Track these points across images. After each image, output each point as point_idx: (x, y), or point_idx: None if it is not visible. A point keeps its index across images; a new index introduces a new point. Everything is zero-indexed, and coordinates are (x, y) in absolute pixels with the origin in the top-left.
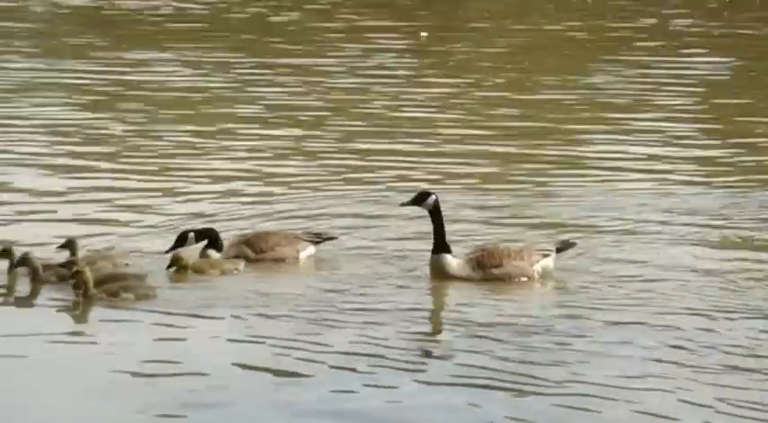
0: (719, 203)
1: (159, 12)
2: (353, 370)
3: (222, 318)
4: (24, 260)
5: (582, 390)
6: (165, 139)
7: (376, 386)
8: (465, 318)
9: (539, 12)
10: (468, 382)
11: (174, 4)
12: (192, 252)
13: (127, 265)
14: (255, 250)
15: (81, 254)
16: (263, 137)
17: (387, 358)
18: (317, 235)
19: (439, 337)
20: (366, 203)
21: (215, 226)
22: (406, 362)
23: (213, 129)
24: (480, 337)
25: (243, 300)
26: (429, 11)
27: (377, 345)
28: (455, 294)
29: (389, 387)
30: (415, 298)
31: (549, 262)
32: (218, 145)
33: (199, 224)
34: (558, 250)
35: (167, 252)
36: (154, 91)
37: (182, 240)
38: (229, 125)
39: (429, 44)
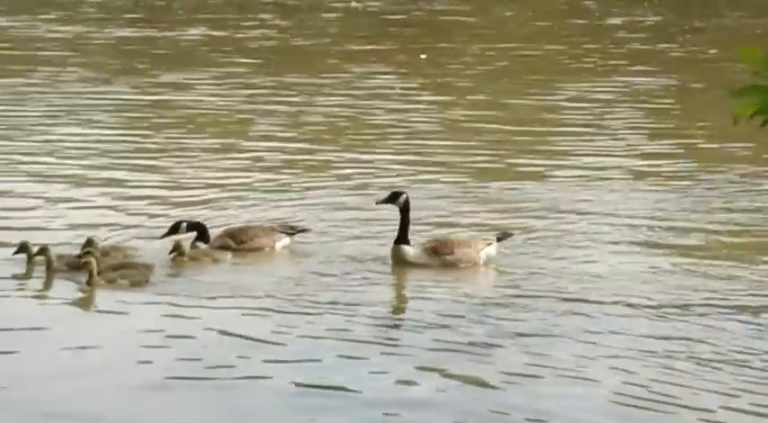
0: (656, 199)
1: (192, 38)
2: (325, 343)
3: (215, 298)
4: (42, 251)
5: (528, 359)
6: (185, 152)
7: (347, 358)
8: (425, 299)
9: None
10: (433, 352)
11: (211, 32)
12: (187, 242)
13: (136, 256)
14: (237, 241)
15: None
16: (270, 149)
17: (353, 333)
18: (292, 228)
19: (402, 315)
20: (345, 200)
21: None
22: (374, 336)
23: (228, 141)
24: (441, 315)
25: (232, 283)
26: (432, 37)
27: (346, 321)
28: (416, 279)
29: (358, 359)
30: (379, 280)
31: (491, 250)
32: (229, 156)
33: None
34: (499, 239)
35: (162, 237)
36: (184, 109)
37: (175, 229)
38: (242, 139)
39: (427, 64)
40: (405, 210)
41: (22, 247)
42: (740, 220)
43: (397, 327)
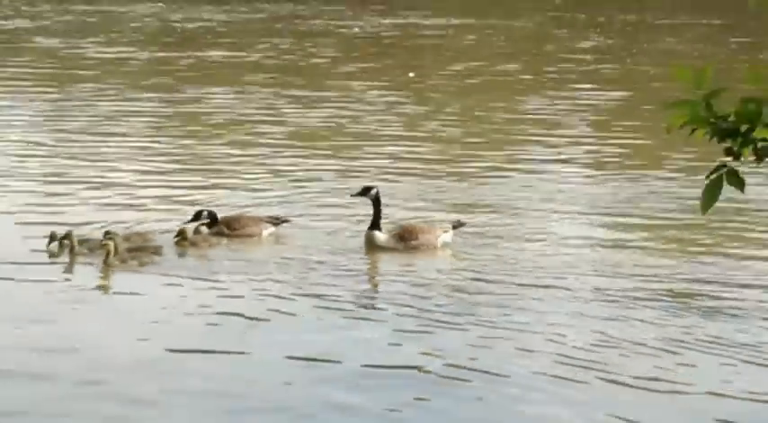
0: (605, 191)
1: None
2: (306, 315)
3: (209, 279)
4: (66, 236)
5: (488, 333)
6: (204, 155)
7: (329, 329)
8: (394, 277)
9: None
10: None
11: (230, 53)
12: (191, 228)
13: (153, 240)
14: (230, 228)
15: (122, 232)
16: (272, 154)
17: (335, 308)
18: (277, 218)
19: (376, 291)
20: (325, 196)
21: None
22: (350, 310)
23: (240, 146)
24: (409, 291)
25: (226, 265)
26: (419, 58)
27: (327, 297)
28: (385, 260)
29: (342, 330)
30: (353, 262)
31: (447, 236)
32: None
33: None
34: (454, 227)
35: (186, 223)
36: (205, 117)
37: (197, 216)
38: (258, 147)
39: (414, 80)
40: (376, 201)
41: (52, 237)
42: (672, 213)
43: (372, 301)
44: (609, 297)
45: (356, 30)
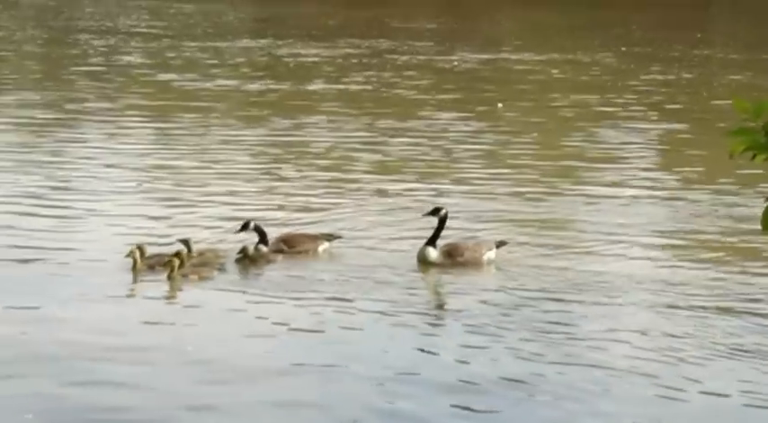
0: (667, 210)
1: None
2: (365, 333)
3: (273, 295)
4: (131, 252)
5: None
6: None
7: (401, 344)
8: (450, 292)
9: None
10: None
11: (325, 85)
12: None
13: (224, 257)
14: (288, 245)
15: (194, 248)
16: (349, 179)
17: (396, 322)
18: (330, 235)
19: (440, 304)
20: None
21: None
22: (416, 325)
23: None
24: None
25: (282, 281)
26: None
27: (383, 312)
28: (439, 276)
29: (407, 343)
30: (404, 276)
31: (492, 254)
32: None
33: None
34: (498, 246)
35: (236, 232)
36: (299, 145)
37: (245, 226)
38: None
39: (504, 112)
40: (441, 221)
41: (131, 252)
42: (728, 229)
43: (431, 315)
44: (667, 312)
45: (455, 63)
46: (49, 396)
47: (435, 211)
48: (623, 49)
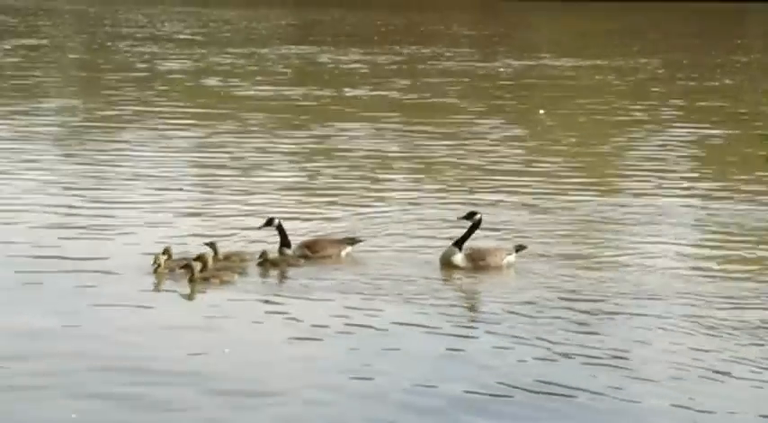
0: (695, 219)
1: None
2: (393, 332)
3: (291, 294)
4: (156, 258)
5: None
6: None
7: (431, 350)
8: (471, 296)
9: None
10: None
11: (371, 93)
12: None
13: (248, 260)
14: (312, 250)
15: (221, 251)
16: (384, 185)
17: (424, 322)
18: (353, 239)
19: (469, 309)
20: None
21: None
22: (445, 331)
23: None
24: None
25: (303, 284)
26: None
27: (411, 312)
28: (462, 279)
29: (438, 349)
30: (425, 279)
31: (511, 258)
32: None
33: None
34: (517, 250)
35: (259, 228)
36: (338, 152)
37: (269, 222)
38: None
39: (545, 118)
40: (474, 224)
41: (156, 258)
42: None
43: (465, 320)
44: (701, 323)
45: (500, 69)
46: (93, 395)
47: (471, 215)
48: (662, 55)
